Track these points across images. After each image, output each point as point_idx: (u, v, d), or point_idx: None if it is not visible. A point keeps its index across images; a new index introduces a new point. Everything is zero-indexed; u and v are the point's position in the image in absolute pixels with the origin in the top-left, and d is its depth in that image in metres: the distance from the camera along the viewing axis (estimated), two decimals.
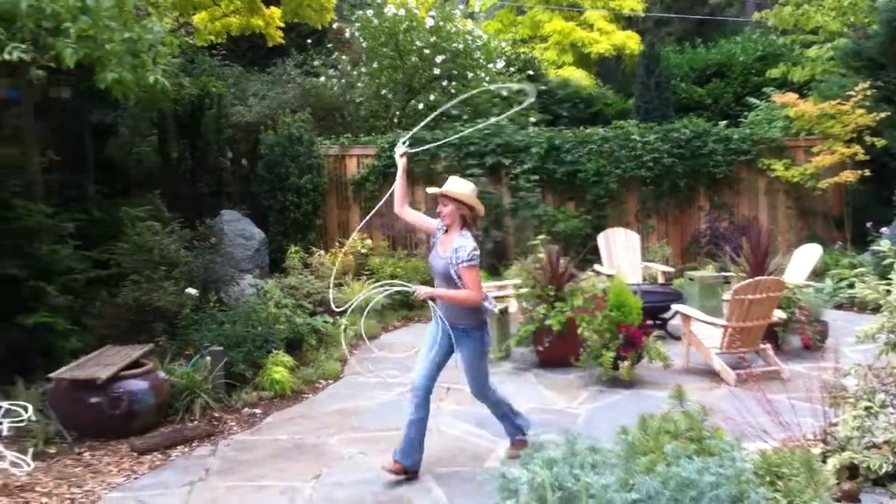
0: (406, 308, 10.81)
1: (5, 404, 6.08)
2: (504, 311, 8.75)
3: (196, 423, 6.73)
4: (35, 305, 7.02)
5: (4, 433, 5.76)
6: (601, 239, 11.36)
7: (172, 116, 11.52)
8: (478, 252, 5.35)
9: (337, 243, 11.90)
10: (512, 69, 15.54)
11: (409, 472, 5.54)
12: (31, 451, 5.96)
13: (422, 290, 5.29)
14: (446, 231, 5.53)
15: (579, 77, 19.36)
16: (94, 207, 9.40)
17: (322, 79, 13.91)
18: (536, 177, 11.92)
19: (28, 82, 7.38)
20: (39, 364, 6.86)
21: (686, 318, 8.22)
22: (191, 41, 11.38)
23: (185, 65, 10.63)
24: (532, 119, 14.31)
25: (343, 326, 8.23)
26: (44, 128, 8.99)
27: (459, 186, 5.47)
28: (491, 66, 14.37)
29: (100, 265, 8.17)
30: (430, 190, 5.66)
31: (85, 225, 8.47)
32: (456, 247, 5.34)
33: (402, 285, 5.43)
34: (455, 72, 14.10)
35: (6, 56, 5.44)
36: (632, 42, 20.95)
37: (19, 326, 6.91)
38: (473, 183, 5.63)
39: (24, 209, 7.30)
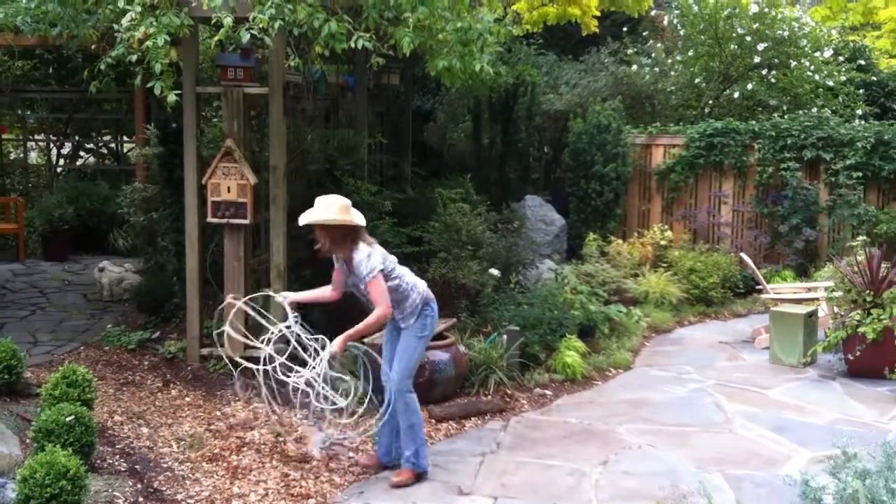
0: (703, 303, 10.53)
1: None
2: (812, 315, 8.32)
3: (490, 397, 7.03)
4: None
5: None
6: None
7: (487, 103, 12.02)
8: (377, 259, 5.14)
9: (636, 233, 11.82)
10: (840, 58, 14.42)
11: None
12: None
13: (336, 344, 5.15)
14: (346, 261, 5.28)
15: None
16: (410, 187, 10.07)
17: (634, 67, 13.79)
18: (860, 174, 11.03)
19: (364, 69, 8.06)
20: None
21: None
22: (511, 30, 11.76)
23: (502, 53, 11.03)
24: (858, 112, 13.25)
25: (637, 318, 8.17)
26: (373, 112, 9.76)
27: (320, 212, 5.12)
28: (818, 54, 13.48)
29: (412, 241, 8.75)
30: (302, 221, 5.19)
31: (401, 203, 9.09)
32: (356, 265, 5.14)
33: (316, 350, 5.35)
34: (777, 60, 13.38)
35: (352, 44, 5.94)
36: None
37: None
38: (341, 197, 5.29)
39: (353, 186, 7.96)
